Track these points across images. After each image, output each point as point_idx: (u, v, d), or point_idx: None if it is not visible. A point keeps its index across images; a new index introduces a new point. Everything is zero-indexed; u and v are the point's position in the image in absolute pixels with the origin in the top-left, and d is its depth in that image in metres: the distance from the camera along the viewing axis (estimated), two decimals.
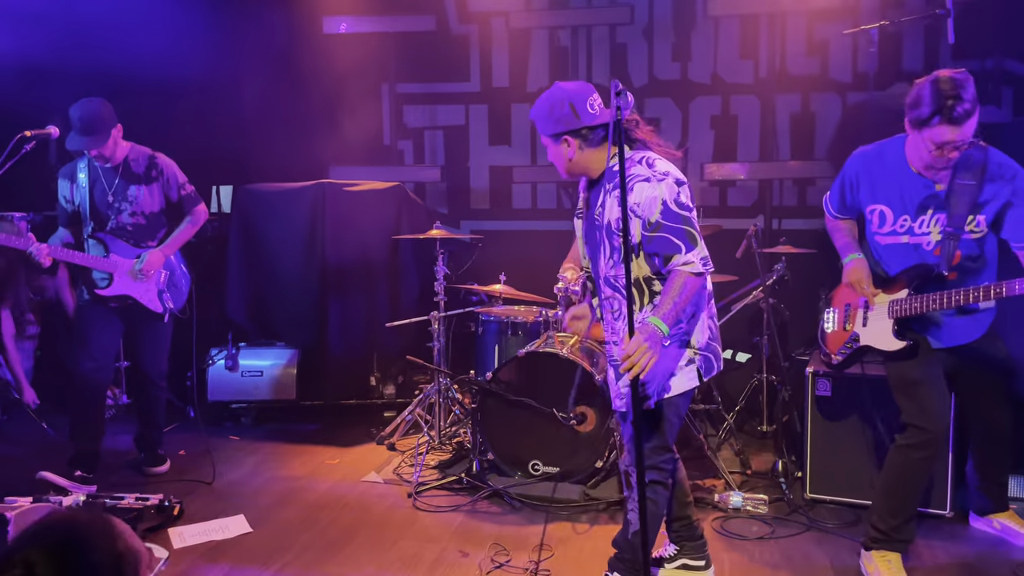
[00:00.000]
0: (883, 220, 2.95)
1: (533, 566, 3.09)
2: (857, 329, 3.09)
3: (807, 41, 5.73)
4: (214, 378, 4.95)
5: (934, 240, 2.86)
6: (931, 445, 2.87)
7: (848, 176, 3.04)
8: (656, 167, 2.54)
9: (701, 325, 2.63)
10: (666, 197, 2.48)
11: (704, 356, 2.63)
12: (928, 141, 2.68)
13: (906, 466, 2.92)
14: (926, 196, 2.85)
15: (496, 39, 6.20)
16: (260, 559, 3.22)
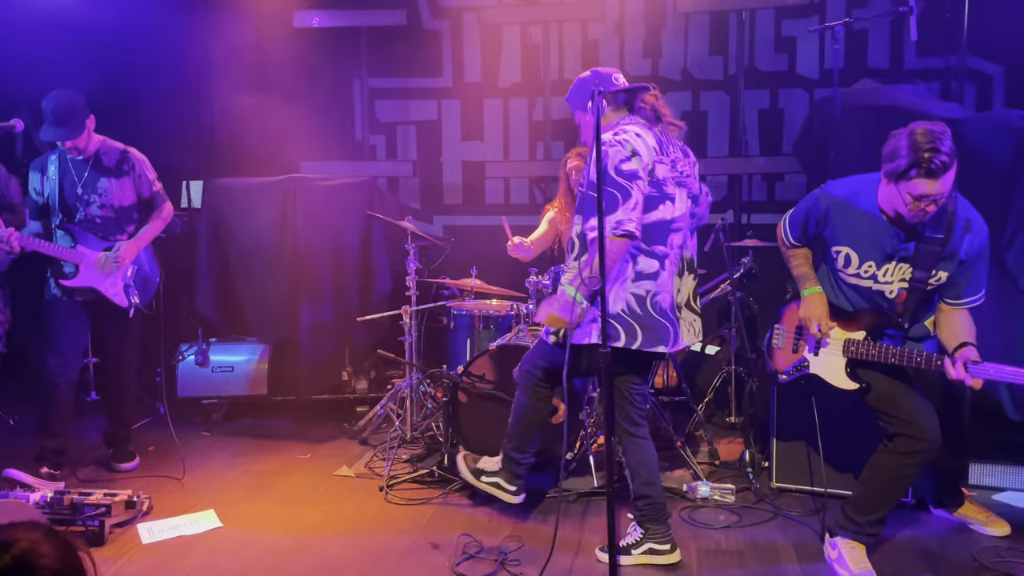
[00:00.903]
0: (848, 262, 2.94)
1: (502, 556, 3.12)
2: (807, 356, 3.12)
3: (775, 38, 5.81)
4: (184, 374, 4.91)
5: (897, 288, 2.88)
6: (927, 452, 2.87)
7: (816, 213, 2.97)
8: (619, 136, 2.79)
9: (615, 296, 2.81)
10: (608, 162, 2.71)
11: (610, 324, 2.76)
12: (905, 194, 2.65)
13: (896, 470, 2.92)
14: (895, 247, 2.84)
15: (468, 34, 6.22)
16: (231, 553, 3.22)
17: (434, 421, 4.45)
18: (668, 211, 2.86)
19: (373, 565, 3.11)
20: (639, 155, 2.74)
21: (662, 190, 2.83)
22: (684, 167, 2.96)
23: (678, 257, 2.96)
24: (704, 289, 4.55)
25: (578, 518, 3.51)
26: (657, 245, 2.86)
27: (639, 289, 2.84)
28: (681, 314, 2.99)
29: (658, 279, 2.86)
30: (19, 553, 1.14)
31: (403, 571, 3.06)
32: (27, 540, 1.15)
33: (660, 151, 2.86)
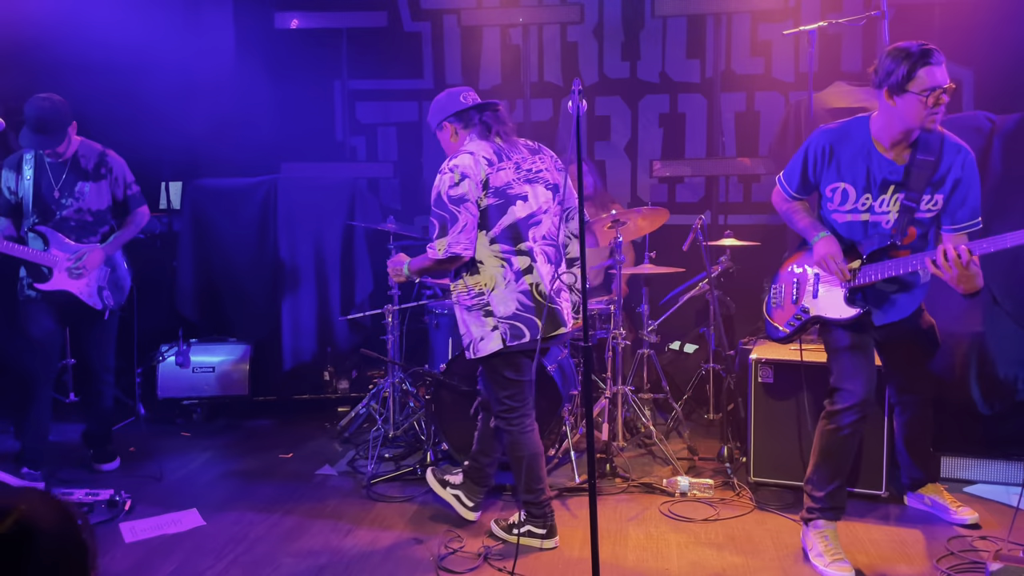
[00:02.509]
0: (845, 198, 3.02)
1: (486, 551, 3.15)
2: (806, 303, 3.18)
3: (751, 42, 5.91)
4: (164, 375, 4.90)
5: (893, 219, 2.97)
6: (857, 410, 2.99)
7: (814, 149, 3.05)
8: (451, 161, 3.12)
9: (505, 300, 3.11)
10: (440, 188, 3.08)
11: (509, 324, 3.10)
12: (919, 94, 2.76)
13: (832, 433, 3.04)
14: (888, 174, 2.94)
15: (448, 36, 6.25)
16: (214, 551, 3.22)
17: (416, 420, 4.47)
18: (521, 209, 3.16)
19: (358, 561, 3.13)
20: (468, 177, 3.06)
21: (507, 195, 3.13)
22: (533, 164, 3.24)
23: (544, 247, 3.22)
24: (682, 288, 4.62)
25: (561, 513, 3.55)
26: (522, 243, 3.15)
27: (523, 286, 3.14)
28: (560, 297, 3.25)
29: (533, 272, 3.15)
30: (19, 519, 1.15)
31: (388, 567, 3.08)
32: (27, 505, 1.16)
33: (497, 160, 3.14)
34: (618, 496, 3.74)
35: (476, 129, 3.21)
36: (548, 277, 3.16)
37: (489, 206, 3.10)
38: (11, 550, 1.12)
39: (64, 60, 5.17)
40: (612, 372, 4.23)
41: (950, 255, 2.73)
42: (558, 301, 3.20)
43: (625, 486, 3.82)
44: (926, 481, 3.50)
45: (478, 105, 3.23)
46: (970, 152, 2.94)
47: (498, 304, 3.10)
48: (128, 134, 4.18)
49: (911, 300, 3.09)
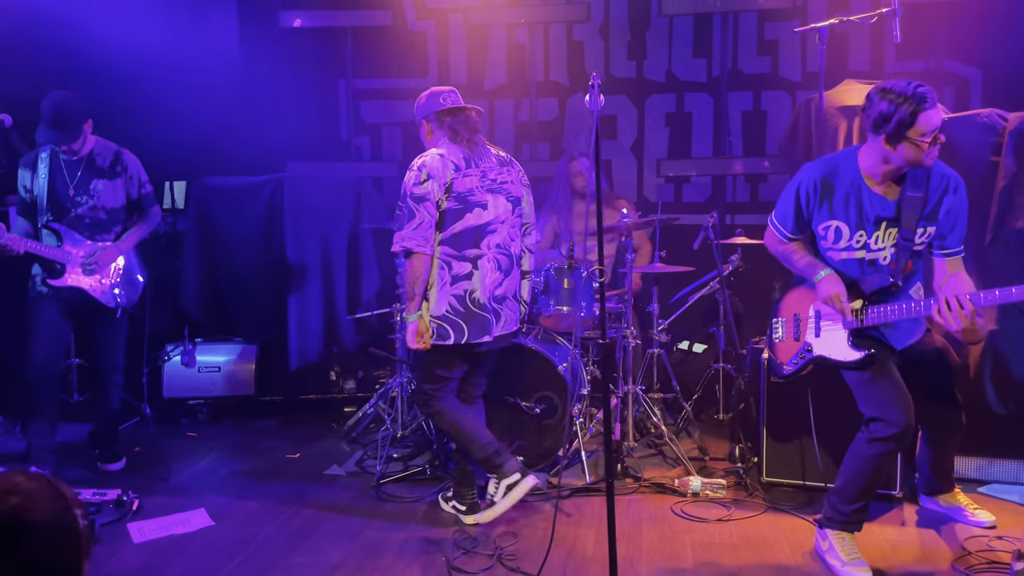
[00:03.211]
0: (838, 236, 2.98)
1: (498, 551, 3.12)
2: (809, 340, 3.14)
3: (758, 40, 5.89)
4: (170, 375, 4.86)
5: (888, 255, 2.94)
6: (900, 439, 2.90)
7: (805, 186, 3.00)
8: (421, 159, 3.24)
9: (439, 298, 3.24)
10: (407, 184, 3.21)
11: (437, 324, 3.25)
12: (917, 137, 2.72)
13: (872, 458, 2.95)
14: (882, 211, 2.90)
15: (454, 35, 6.23)
16: (224, 551, 3.19)
17: (424, 420, 4.43)
18: (478, 217, 3.28)
19: (369, 560, 3.10)
20: (433, 178, 3.19)
21: (467, 201, 3.25)
22: (499, 175, 3.37)
23: (497, 255, 3.34)
24: (693, 287, 4.60)
25: (573, 513, 3.52)
26: (468, 249, 3.28)
27: (458, 290, 3.27)
28: (504, 305, 3.38)
29: (472, 278, 3.27)
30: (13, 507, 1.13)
31: (400, 566, 3.05)
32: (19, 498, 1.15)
33: (464, 166, 3.27)
34: (630, 496, 3.71)
35: (447, 133, 3.33)
36: (492, 284, 3.31)
37: (447, 209, 3.23)
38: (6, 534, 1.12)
39: (68, 60, 5.14)
40: (623, 371, 4.21)
41: (952, 306, 2.69)
42: (494, 307, 3.32)
43: (637, 486, 3.80)
44: (944, 491, 3.45)
45: (451, 109, 3.33)
46: (960, 179, 2.91)
47: (432, 302, 3.26)
48: (131, 133, 4.14)
49: (918, 324, 3.06)
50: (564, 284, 4.08)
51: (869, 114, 2.81)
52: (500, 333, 3.37)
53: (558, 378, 3.89)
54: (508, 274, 3.38)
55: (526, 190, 3.52)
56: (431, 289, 3.26)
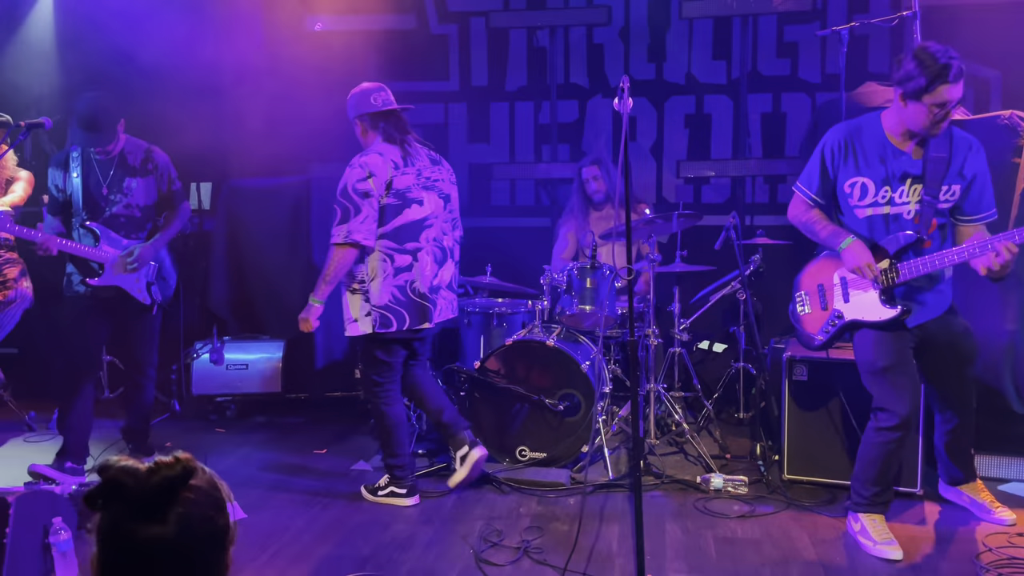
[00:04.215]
0: (864, 192, 3.08)
1: (525, 544, 3.19)
2: (838, 307, 3.20)
3: (777, 43, 5.93)
4: (199, 372, 4.96)
5: (913, 210, 3.02)
6: (903, 427, 3.04)
7: (831, 146, 3.12)
8: (362, 158, 3.45)
9: (381, 289, 3.45)
10: (348, 181, 3.41)
11: (381, 313, 3.46)
12: (928, 106, 2.84)
13: (880, 446, 3.10)
14: (905, 167, 3.01)
15: (475, 39, 6.30)
16: (257, 543, 3.27)
17: None
18: (416, 212, 3.51)
19: (399, 553, 3.17)
20: (375, 176, 3.40)
21: (405, 197, 3.48)
22: (432, 173, 3.61)
23: (433, 248, 3.58)
24: (714, 287, 4.64)
25: (595, 509, 3.58)
26: (409, 242, 3.50)
27: (400, 281, 3.49)
28: (440, 295, 3.62)
29: (413, 270, 3.50)
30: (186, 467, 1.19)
31: (429, 559, 3.12)
32: (193, 464, 1.21)
33: (403, 165, 3.49)
34: (652, 492, 3.77)
35: (380, 134, 3.55)
36: (430, 275, 3.55)
37: (387, 205, 3.45)
38: (171, 492, 1.17)
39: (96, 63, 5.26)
40: (644, 370, 4.26)
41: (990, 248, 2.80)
42: (433, 298, 3.56)
43: (659, 483, 3.85)
44: (965, 480, 3.48)
45: (382, 112, 3.54)
46: (979, 146, 3.03)
47: (375, 293, 3.47)
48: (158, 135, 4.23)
49: (939, 299, 3.12)
50: (587, 283, 4.15)
51: (898, 66, 2.92)
52: (438, 320, 3.63)
53: (581, 376, 3.95)
54: (442, 265, 3.64)
55: (455, 187, 3.79)
56: (374, 281, 3.47)
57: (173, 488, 1.17)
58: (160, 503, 1.15)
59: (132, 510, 1.15)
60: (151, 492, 1.15)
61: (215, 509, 1.22)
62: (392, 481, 3.66)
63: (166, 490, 1.16)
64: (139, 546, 1.14)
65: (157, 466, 1.18)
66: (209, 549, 1.20)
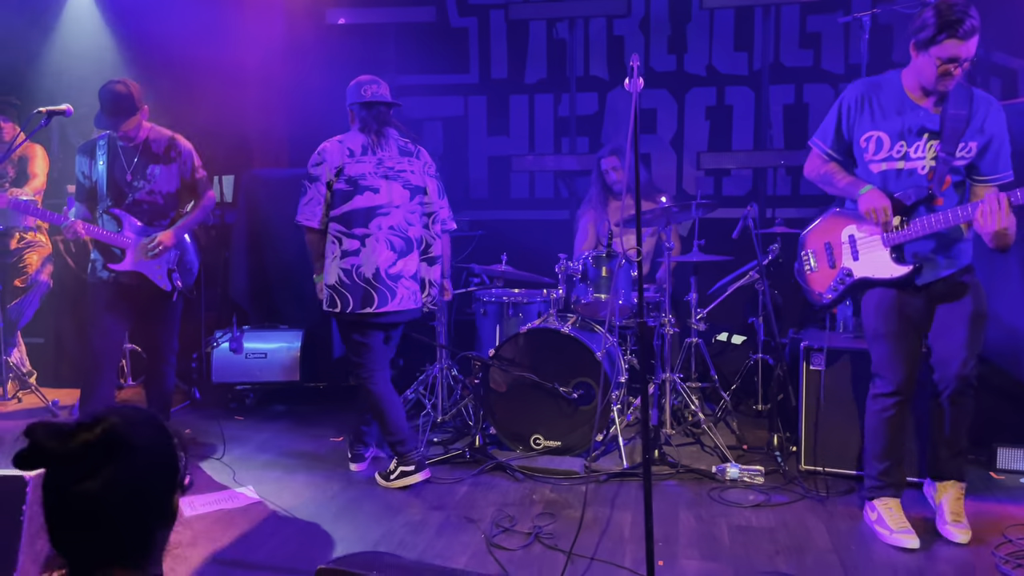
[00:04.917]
0: (879, 146, 3.03)
1: (536, 530, 3.18)
2: (847, 264, 3.16)
3: (800, 33, 5.86)
4: (218, 360, 5.01)
5: (928, 166, 2.97)
6: (897, 394, 3.05)
7: (847, 102, 3.08)
8: (323, 144, 3.65)
9: (329, 270, 3.65)
10: (308, 164, 3.64)
11: (329, 292, 3.65)
12: (935, 58, 2.79)
13: (877, 414, 3.12)
14: (923, 122, 2.96)
15: (495, 31, 6.31)
16: (271, 525, 3.30)
17: (463, 406, 4.52)
18: (368, 200, 3.61)
19: (411, 537, 3.18)
20: (326, 161, 3.59)
21: (357, 184, 3.60)
22: (397, 164, 3.70)
23: (389, 236, 3.65)
24: (732, 277, 4.60)
25: (608, 497, 3.57)
26: (357, 228, 3.61)
27: (346, 264, 3.61)
28: (400, 283, 3.67)
29: (360, 255, 3.60)
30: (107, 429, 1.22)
31: (440, 543, 3.13)
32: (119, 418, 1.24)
33: (359, 153, 3.62)
34: (666, 481, 3.74)
35: (359, 123, 3.70)
36: (386, 263, 3.62)
37: (337, 190, 3.60)
38: (97, 457, 1.20)
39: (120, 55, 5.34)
40: (660, 360, 4.24)
41: (991, 206, 2.73)
42: (389, 284, 3.63)
43: (673, 472, 3.83)
44: (945, 477, 3.21)
45: (367, 102, 3.69)
46: (998, 106, 2.97)
47: (326, 273, 3.67)
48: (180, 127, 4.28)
49: (953, 258, 3.02)
50: (602, 272, 4.13)
51: (916, 19, 2.88)
52: (396, 309, 3.67)
53: (595, 365, 3.93)
54: (403, 255, 3.69)
55: (432, 180, 3.84)
56: (325, 260, 3.66)
57: (99, 449, 1.21)
58: (85, 463, 1.20)
59: (59, 470, 1.20)
60: (73, 454, 1.20)
61: (154, 472, 1.27)
62: (399, 461, 3.71)
63: (91, 451, 1.20)
64: (69, 501, 1.20)
65: (79, 429, 1.22)
66: (140, 509, 1.25)
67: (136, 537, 1.26)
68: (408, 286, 3.72)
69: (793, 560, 2.96)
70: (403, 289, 3.69)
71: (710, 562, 2.97)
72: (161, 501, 1.28)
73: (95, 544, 1.22)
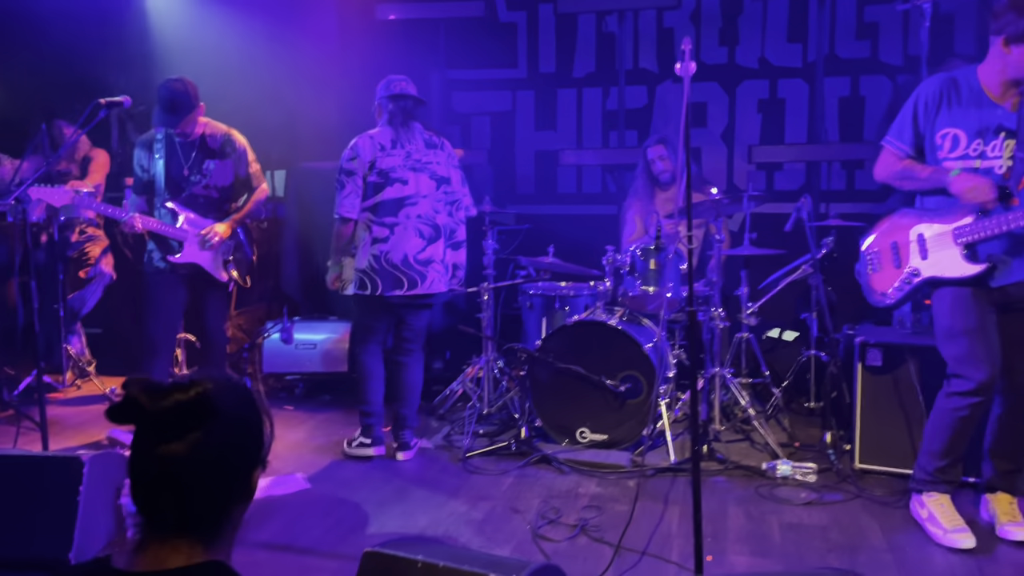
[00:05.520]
0: (956, 144, 2.94)
1: (583, 522, 3.16)
2: (915, 264, 3.06)
3: (857, 23, 5.72)
4: (269, 350, 5.09)
5: (1005, 165, 2.88)
6: (979, 393, 2.89)
7: (924, 98, 2.99)
8: (355, 140, 3.86)
9: (360, 255, 3.85)
10: (342, 159, 3.84)
11: (359, 276, 3.85)
12: None
13: (951, 412, 2.96)
14: (1000, 120, 2.88)
15: (543, 25, 6.29)
16: (319, 512, 3.34)
17: (509, 399, 4.51)
18: (398, 191, 3.82)
19: (456, 527, 3.18)
20: (359, 156, 3.80)
21: (388, 177, 3.82)
22: (423, 156, 3.90)
23: (418, 224, 3.86)
24: (784, 271, 4.50)
25: (655, 492, 3.52)
26: (387, 217, 3.82)
27: (376, 251, 3.82)
28: (430, 268, 3.87)
29: (389, 242, 3.82)
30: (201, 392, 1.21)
31: (486, 532, 3.13)
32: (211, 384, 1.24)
33: (389, 147, 3.83)
34: (716, 477, 3.68)
35: (385, 116, 3.92)
36: (414, 250, 3.83)
37: (370, 183, 3.81)
38: (186, 420, 1.20)
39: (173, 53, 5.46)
40: (709, 354, 4.17)
41: None
42: (419, 269, 3.84)
43: (723, 468, 3.76)
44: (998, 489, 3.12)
45: (394, 95, 3.90)
46: None
47: (358, 258, 3.86)
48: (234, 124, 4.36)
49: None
50: (650, 264, 4.08)
51: (997, 16, 2.79)
52: (426, 292, 3.88)
53: (643, 358, 3.89)
54: (432, 241, 3.90)
55: (455, 170, 4.03)
56: (358, 247, 3.86)
57: (189, 412, 1.20)
58: (174, 424, 1.20)
59: (148, 428, 1.21)
60: (164, 413, 1.20)
61: (239, 444, 1.27)
62: (362, 432, 3.99)
63: (181, 413, 1.20)
64: (153, 461, 1.20)
65: (173, 389, 1.21)
66: (220, 479, 1.24)
67: (211, 508, 1.25)
68: (438, 270, 3.92)
69: (846, 559, 2.89)
70: (433, 273, 3.89)
71: (760, 558, 2.91)
72: (242, 475, 1.27)
73: (171, 509, 1.21)
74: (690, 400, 2.61)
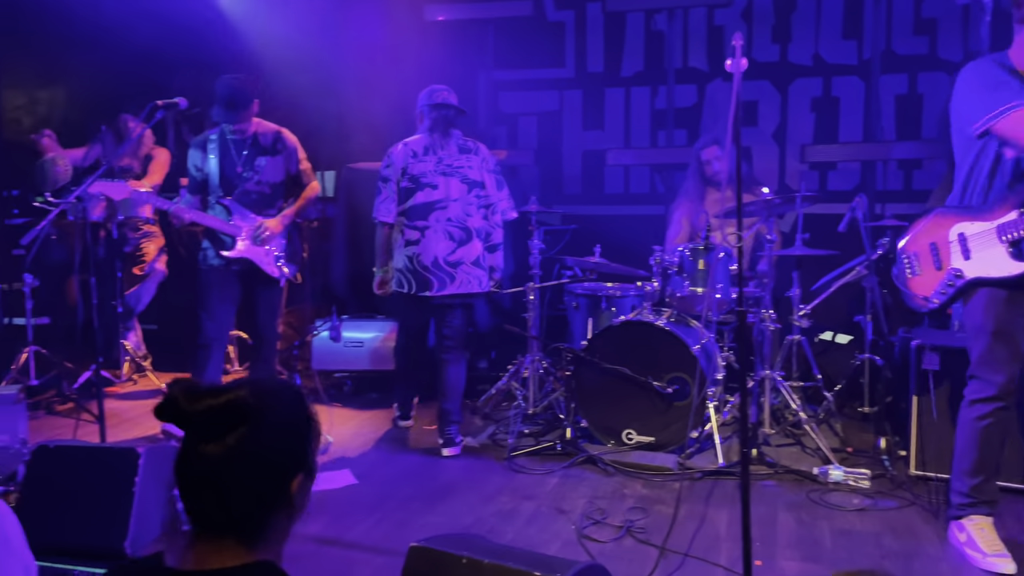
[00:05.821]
0: None
1: (628, 524, 3.13)
2: (957, 265, 2.93)
3: (914, 19, 5.57)
4: (318, 348, 5.16)
5: None
6: (999, 399, 2.78)
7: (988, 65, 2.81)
8: (392, 147, 4.07)
9: (396, 256, 4.09)
10: (381, 167, 4.07)
11: (397, 276, 4.07)
12: None
13: (974, 423, 2.84)
14: None
15: (591, 24, 6.26)
16: (365, 507, 3.37)
17: (555, 399, 4.50)
18: (428, 196, 3.98)
19: (500, 525, 3.18)
20: (393, 164, 4.01)
21: (419, 182, 3.98)
22: (455, 161, 4.04)
23: (447, 227, 3.99)
24: (838, 272, 4.40)
25: (702, 495, 3.48)
26: (418, 221, 3.99)
27: (409, 252, 4.01)
28: (459, 269, 4.00)
29: (419, 245, 3.99)
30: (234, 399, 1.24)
31: (530, 531, 3.12)
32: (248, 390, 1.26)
33: (421, 154, 4.01)
34: (765, 481, 3.62)
35: (426, 123, 4.07)
36: (444, 252, 3.97)
37: (402, 188, 4.01)
38: (220, 423, 1.23)
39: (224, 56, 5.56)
40: (759, 356, 4.10)
41: None
42: (448, 270, 3.97)
43: (772, 472, 3.69)
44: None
45: (435, 104, 4.04)
46: None
47: (396, 259, 4.08)
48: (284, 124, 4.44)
49: None
50: (699, 265, 4.03)
51: (1016, 1, 2.69)
52: (456, 292, 4.01)
53: (691, 359, 3.84)
54: (463, 244, 4.01)
55: (490, 175, 4.13)
56: (395, 249, 4.09)
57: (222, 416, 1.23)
58: (209, 426, 1.23)
59: (187, 428, 1.24)
60: (198, 414, 1.22)
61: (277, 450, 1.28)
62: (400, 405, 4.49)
63: (214, 416, 1.23)
64: (192, 460, 1.23)
65: (207, 393, 1.24)
66: (255, 482, 1.25)
67: (253, 509, 1.25)
68: (469, 271, 4.03)
69: (900, 567, 2.81)
70: (463, 274, 4.01)
71: (811, 564, 2.84)
72: (279, 481, 1.28)
73: (213, 508, 1.24)
74: (740, 402, 2.56)
